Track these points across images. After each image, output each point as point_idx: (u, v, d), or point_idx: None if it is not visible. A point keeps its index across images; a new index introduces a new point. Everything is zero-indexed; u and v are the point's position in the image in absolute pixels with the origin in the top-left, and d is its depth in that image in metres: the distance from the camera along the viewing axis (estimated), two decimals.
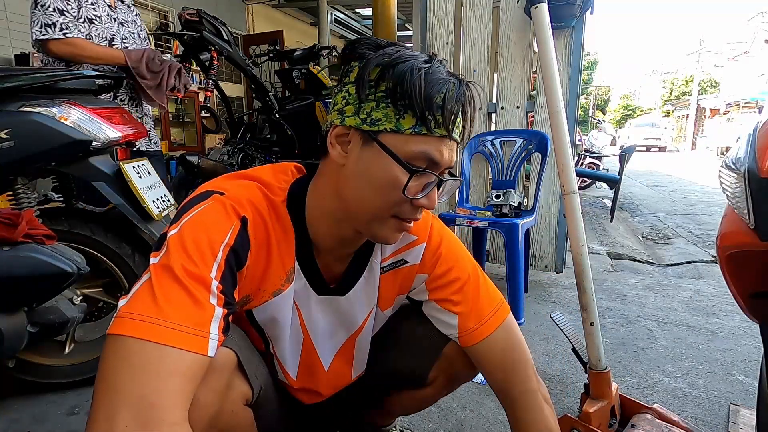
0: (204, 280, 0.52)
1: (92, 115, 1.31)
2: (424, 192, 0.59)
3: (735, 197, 0.79)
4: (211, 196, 0.60)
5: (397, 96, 0.56)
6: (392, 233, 0.62)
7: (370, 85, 0.57)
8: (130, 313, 0.48)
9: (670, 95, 38.48)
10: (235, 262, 0.58)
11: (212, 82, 3.01)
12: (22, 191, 1.33)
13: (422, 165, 0.58)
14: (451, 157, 0.60)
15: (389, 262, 0.75)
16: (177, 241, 0.53)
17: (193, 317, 0.49)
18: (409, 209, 0.60)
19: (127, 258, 1.40)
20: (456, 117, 0.58)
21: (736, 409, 1.34)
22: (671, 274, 2.89)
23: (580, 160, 6.51)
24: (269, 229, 0.64)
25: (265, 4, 7.34)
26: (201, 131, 5.65)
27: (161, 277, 0.50)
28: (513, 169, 2.28)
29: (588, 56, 27.11)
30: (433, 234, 0.75)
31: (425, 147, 0.57)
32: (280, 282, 0.67)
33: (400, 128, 0.56)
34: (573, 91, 2.23)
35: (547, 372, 1.58)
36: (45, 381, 1.39)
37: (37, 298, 1.15)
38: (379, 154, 0.57)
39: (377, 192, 0.59)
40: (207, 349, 0.49)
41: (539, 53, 1.11)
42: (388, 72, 0.56)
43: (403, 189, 0.57)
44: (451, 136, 0.58)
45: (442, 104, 0.56)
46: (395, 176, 0.57)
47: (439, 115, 0.56)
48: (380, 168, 0.58)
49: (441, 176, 0.60)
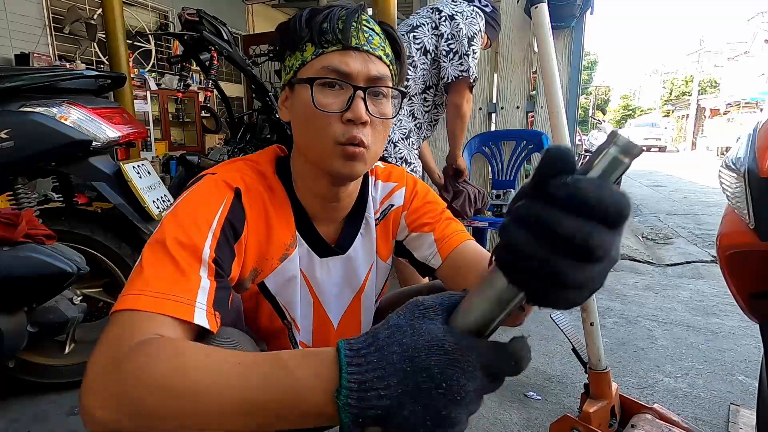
0: (195, 249, 0.53)
1: (92, 115, 1.31)
2: (347, 106, 0.61)
3: (735, 197, 0.79)
4: (203, 177, 0.63)
5: (294, 40, 0.63)
6: (341, 162, 0.62)
7: (283, 45, 0.66)
8: (123, 294, 0.49)
9: (670, 95, 38.48)
10: (232, 232, 0.60)
11: (212, 82, 3.01)
12: (22, 191, 1.33)
13: (331, 78, 0.61)
14: (366, 68, 0.61)
15: (380, 212, 0.80)
16: (170, 218, 0.56)
17: (179, 286, 0.50)
18: (341, 128, 0.61)
19: (127, 258, 1.40)
20: (345, 28, 0.61)
21: (736, 409, 1.34)
22: (671, 274, 2.89)
23: (580, 160, 6.51)
24: (264, 199, 0.67)
25: (265, 4, 7.34)
26: (201, 131, 5.65)
27: (151, 252, 0.52)
28: (513, 169, 2.28)
29: (588, 56, 27.11)
30: (408, 178, 0.83)
31: (326, 62, 0.61)
32: (285, 247, 0.69)
33: (305, 60, 0.62)
34: (573, 91, 2.24)
35: (547, 372, 1.58)
36: (45, 381, 1.39)
37: (37, 298, 1.15)
38: (298, 90, 0.63)
39: (307, 123, 0.63)
40: (192, 317, 0.49)
41: (539, 53, 1.11)
42: (288, 27, 0.64)
43: (312, 102, 0.60)
44: (348, 44, 0.61)
45: (329, 24, 0.61)
46: (309, 99, 0.61)
47: (329, 33, 0.61)
48: (300, 100, 0.63)
49: (359, 87, 0.61)
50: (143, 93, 4.69)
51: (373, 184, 0.79)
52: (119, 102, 2.02)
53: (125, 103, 2.17)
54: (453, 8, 1.60)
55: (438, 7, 1.61)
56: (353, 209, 0.76)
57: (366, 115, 0.61)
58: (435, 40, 1.59)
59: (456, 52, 1.55)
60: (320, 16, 0.62)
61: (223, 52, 2.93)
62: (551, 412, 1.34)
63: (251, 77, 3.29)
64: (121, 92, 2.20)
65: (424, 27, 1.61)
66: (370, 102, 0.62)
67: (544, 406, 1.38)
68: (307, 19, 0.63)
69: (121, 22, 2.27)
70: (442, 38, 1.57)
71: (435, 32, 1.59)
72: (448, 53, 1.56)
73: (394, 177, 0.81)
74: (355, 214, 0.76)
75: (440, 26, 1.58)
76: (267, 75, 4.60)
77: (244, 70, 3.21)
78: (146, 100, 4.74)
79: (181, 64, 3.05)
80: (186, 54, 2.95)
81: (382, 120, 0.64)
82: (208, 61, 2.91)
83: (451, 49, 1.56)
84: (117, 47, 2.26)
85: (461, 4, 1.62)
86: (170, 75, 5.41)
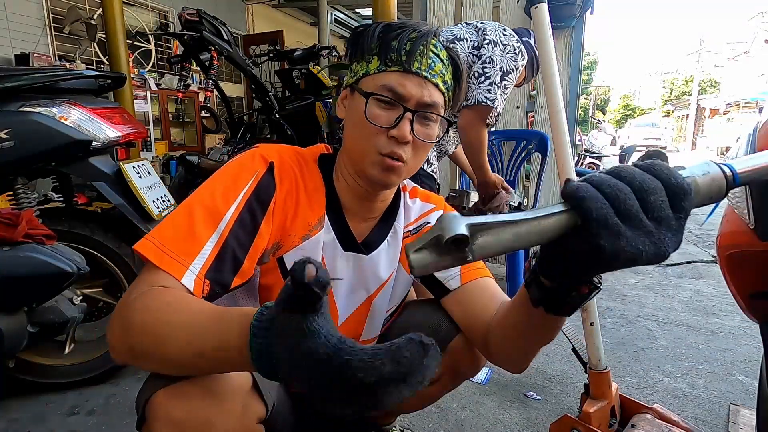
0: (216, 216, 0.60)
1: (92, 115, 1.31)
2: (395, 124, 0.66)
3: (735, 197, 0.79)
4: (247, 150, 0.70)
5: (365, 48, 0.68)
6: (379, 171, 0.68)
7: (350, 49, 0.70)
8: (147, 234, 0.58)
9: (670, 95, 38.45)
10: (258, 204, 0.65)
11: (212, 82, 3.01)
12: (22, 191, 1.33)
13: (386, 97, 0.66)
14: (419, 92, 0.66)
15: (414, 226, 0.83)
16: (207, 182, 0.64)
17: (182, 245, 0.57)
18: (385, 142, 0.66)
19: (127, 258, 1.40)
20: (411, 51, 0.65)
21: (736, 409, 1.34)
22: (671, 274, 2.89)
23: (580, 160, 6.50)
24: (297, 177, 0.71)
25: (265, 4, 7.34)
26: (201, 131, 5.65)
27: (181, 207, 0.61)
28: (513, 169, 2.28)
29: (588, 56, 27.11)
30: (446, 206, 0.88)
31: (386, 80, 0.66)
32: (309, 227, 0.72)
33: (369, 71, 0.68)
34: (573, 91, 2.24)
35: (547, 372, 1.58)
36: (45, 381, 1.39)
37: (37, 298, 1.15)
38: (357, 97, 0.68)
39: (356, 128, 0.68)
40: (181, 277, 0.56)
41: (539, 53, 1.11)
42: (361, 35, 0.69)
43: (365, 113, 0.65)
44: (409, 68, 0.65)
45: (397, 44, 0.65)
46: (363, 109, 0.66)
47: (395, 53, 0.65)
48: (356, 108, 0.68)
49: (409, 109, 0.66)
50: (143, 93, 4.69)
51: (408, 199, 0.84)
52: (119, 102, 2.02)
53: (125, 103, 2.17)
54: (501, 37, 1.52)
55: (485, 29, 1.54)
56: (384, 216, 0.79)
57: (410, 135, 0.66)
58: (471, 60, 1.52)
59: (488, 77, 1.48)
60: (393, 34, 0.66)
61: (223, 52, 2.93)
62: (551, 412, 1.34)
63: (251, 77, 3.30)
64: (121, 92, 2.20)
65: (466, 43, 1.53)
66: (417, 123, 0.67)
67: (544, 406, 1.38)
68: (380, 33, 0.67)
69: (121, 22, 2.27)
70: (479, 60, 1.50)
71: (475, 52, 1.52)
72: (480, 76, 1.48)
73: (434, 200, 0.87)
74: (385, 220, 0.80)
75: (482, 48, 1.51)
76: (267, 75, 4.60)
77: (244, 70, 3.21)
78: (146, 100, 4.74)
79: (181, 64, 3.06)
80: (186, 54, 2.95)
81: (424, 142, 0.69)
82: (208, 61, 2.91)
83: (484, 72, 1.48)
84: (117, 47, 2.26)
85: (510, 37, 1.54)
86: (170, 75, 5.41)
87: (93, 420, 1.29)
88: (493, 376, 1.54)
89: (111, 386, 1.45)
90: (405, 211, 0.82)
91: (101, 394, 1.41)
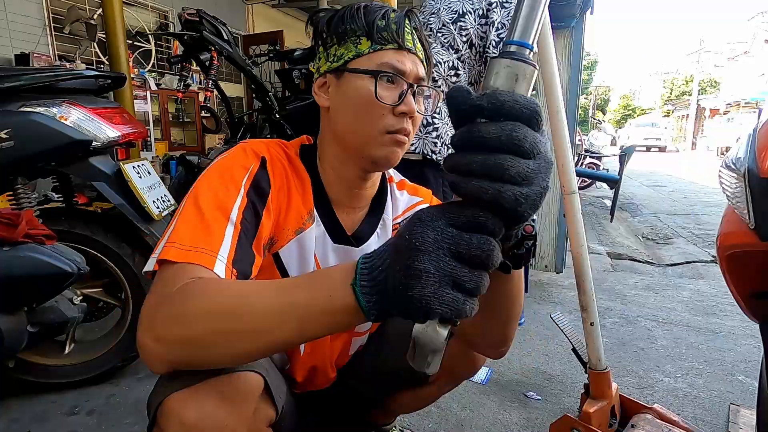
0: (224, 208, 0.59)
1: (92, 115, 1.31)
2: (401, 100, 0.66)
3: (735, 197, 0.79)
4: (234, 146, 0.69)
5: (348, 32, 0.67)
6: (390, 149, 0.68)
7: (326, 34, 0.69)
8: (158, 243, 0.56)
9: (670, 95, 38.46)
10: (259, 197, 0.65)
11: (212, 82, 3.01)
12: (22, 191, 1.33)
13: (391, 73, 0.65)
14: (415, 68, 0.67)
15: (402, 219, 0.82)
16: (203, 179, 0.62)
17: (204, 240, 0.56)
18: (394, 119, 0.66)
19: (127, 258, 1.40)
20: (400, 28, 0.66)
21: (736, 409, 1.34)
22: (671, 274, 2.89)
23: (580, 160, 6.51)
24: (287, 173, 0.71)
25: (265, 4, 7.34)
26: (201, 131, 5.64)
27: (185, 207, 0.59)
28: None
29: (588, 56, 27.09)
30: (433, 198, 0.88)
31: (385, 58, 0.66)
32: (302, 220, 0.72)
33: (360, 52, 0.66)
34: (573, 91, 2.24)
35: (547, 372, 1.58)
36: (45, 381, 1.39)
37: (37, 298, 1.16)
38: (351, 79, 0.67)
39: (359, 111, 0.67)
40: (213, 266, 0.54)
41: (539, 53, 1.11)
42: (335, 19, 0.68)
43: (375, 94, 0.64)
44: (403, 45, 0.66)
45: (385, 22, 0.66)
46: (368, 89, 0.65)
47: (386, 31, 0.66)
48: (355, 90, 0.66)
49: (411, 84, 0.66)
50: (143, 93, 4.68)
51: (396, 191, 0.84)
52: (119, 102, 2.02)
53: (125, 103, 2.17)
54: None
55: None
56: (372, 208, 0.79)
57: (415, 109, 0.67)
58: (483, 30, 1.42)
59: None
60: (376, 14, 0.66)
61: (223, 52, 2.93)
62: (551, 412, 1.34)
63: (251, 77, 3.29)
64: (121, 92, 2.20)
65: (471, 16, 1.43)
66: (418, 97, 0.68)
67: (544, 406, 1.38)
68: (362, 15, 0.67)
69: (121, 22, 2.27)
70: (492, 26, 1.39)
71: (483, 20, 1.41)
72: (498, 44, 1.37)
73: (422, 193, 0.86)
74: (374, 213, 0.80)
75: (490, 13, 1.40)
76: (267, 75, 4.60)
77: (244, 70, 3.21)
78: (146, 100, 4.74)
79: (181, 64, 3.06)
80: (186, 54, 2.95)
81: (423, 115, 0.71)
82: (208, 61, 2.90)
83: (501, 39, 1.37)
84: (117, 47, 2.26)
85: None
86: (170, 75, 5.40)
87: (93, 420, 1.29)
88: (493, 376, 1.54)
89: (111, 386, 1.45)
90: (393, 203, 0.82)
91: (101, 394, 1.41)
